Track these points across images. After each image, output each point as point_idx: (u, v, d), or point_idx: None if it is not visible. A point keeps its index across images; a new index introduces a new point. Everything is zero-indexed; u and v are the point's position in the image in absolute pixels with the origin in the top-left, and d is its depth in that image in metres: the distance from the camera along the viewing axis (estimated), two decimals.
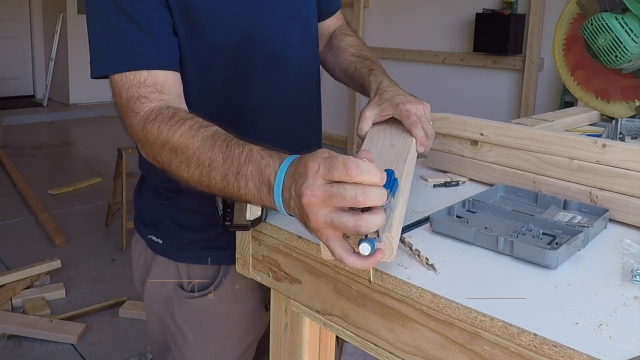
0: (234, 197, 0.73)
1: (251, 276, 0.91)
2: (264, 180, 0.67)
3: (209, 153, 0.74)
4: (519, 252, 0.73)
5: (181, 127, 0.77)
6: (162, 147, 0.78)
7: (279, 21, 0.97)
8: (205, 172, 0.74)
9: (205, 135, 0.75)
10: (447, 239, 0.80)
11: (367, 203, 0.57)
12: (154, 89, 0.83)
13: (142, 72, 0.83)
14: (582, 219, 0.85)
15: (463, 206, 0.88)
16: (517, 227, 0.82)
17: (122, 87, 0.84)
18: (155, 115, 0.80)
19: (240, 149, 0.72)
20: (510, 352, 0.60)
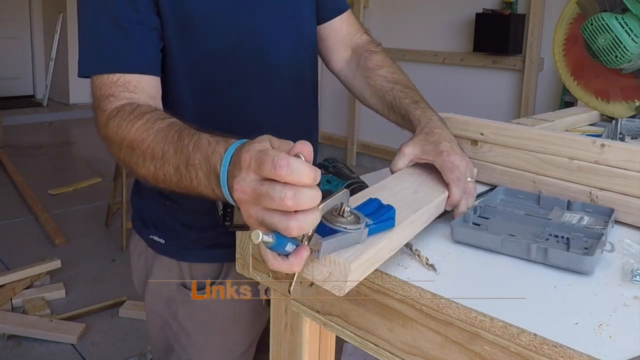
0: (190, 191, 0.68)
1: (251, 276, 0.91)
2: (212, 168, 0.63)
3: (161, 145, 0.70)
4: (553, 259, 0.71)
5: (138, 122, 0.74)
6: (120, 144, 0.76)
7: (271, 28, 0.96)
8: (159, 166, 0.70)
9: (160, 127, 0.72)
10: (446, 242, 0.80)
11: (296, 207, 0.51)
12: (125, 89, 0.82)
13: (115, 74, 0.83)
14: (590, 220, 0.84)
15: (475, 212, 0.84)
16: (537, 232, 0.79)
17: (97, 88, 0.84)
18: (117, 111, 0.79)
19: (189, 138, 0.67)
20: (510, 352, 0.60)
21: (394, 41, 4.80)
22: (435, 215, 0.84)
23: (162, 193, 0.98)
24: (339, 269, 0.59)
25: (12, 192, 4.14)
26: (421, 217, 0.79)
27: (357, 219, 0.62)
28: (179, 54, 0.90)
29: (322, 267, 0.60)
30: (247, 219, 0.56)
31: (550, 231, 0.79)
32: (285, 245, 0.54)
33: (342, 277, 0.59)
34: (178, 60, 0.90)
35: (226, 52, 0.92)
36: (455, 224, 0.79)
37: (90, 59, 0.87)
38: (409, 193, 0.83)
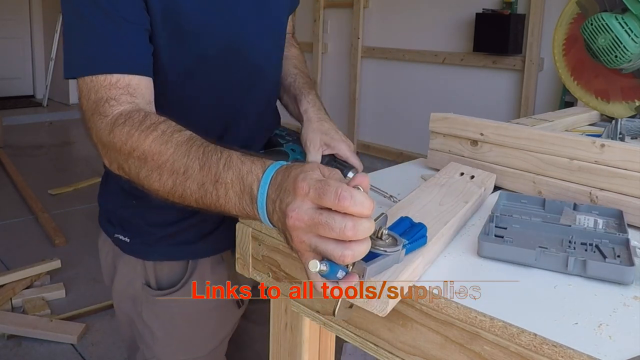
0: (212, 208, 0.67)
1: (251, 276, 0.91)
2: (246, 189, 0.63)
3: (183, 160, 0.68)
4: (592, 271, 0.68)
5: (153, 133, 0.72)
6: (129, 154, 0.73)
7: (257, 32, 0.97)
8: (179, 181, 0.68)
9: (180, 140, 0.70)
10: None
11: (355, 237, 0.53)
12: (126, 91, 0.79)
13: (114, 75, 0.79)
14: (602, 222, 0.83)
15: (491, 221, 0.81)
16: (560, 240, 0.76)
17: (92, 89, 0.79)
18: (125, 118, 0.75)
19: (219, 155, 0.67)
20: (510, 352, 0.60)
21: (394, 41, 4.81)
22: (461, 227, 0.85)
23: (129, 193, 0.98)
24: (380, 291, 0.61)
25: (12, 192, 4.14)
26: (450, 230, 0.79)
27: (394, 240, 0.63)
28: (170, 55, 0.88)
29: None
30: (298, 245, 0.57)
31: (574, 239, 0.76)
32: (337, 273, 0.57)
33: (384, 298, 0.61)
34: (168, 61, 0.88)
35: (217, 56, 0.92)
36: (482, 238, 0.75)
37: (82, 58, 0.81)
38: (434, 206, 0.84)
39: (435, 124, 1.12)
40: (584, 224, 0.82)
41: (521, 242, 0.75)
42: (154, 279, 1.02)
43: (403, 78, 4.77)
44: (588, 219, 0.83)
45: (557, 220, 0.84)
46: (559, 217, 0.85)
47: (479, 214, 0.92)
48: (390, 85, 4.80)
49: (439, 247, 0.75)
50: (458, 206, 0.84)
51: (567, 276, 0.70)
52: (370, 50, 4.94)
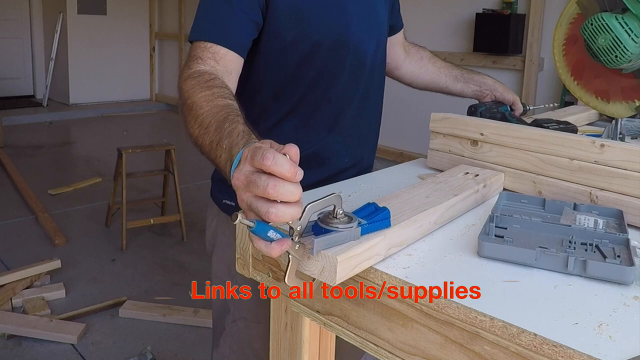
0: (214, 162, 0.80)
1: (251, 276, 0.91)
2: (231, 156, 0.72)
3: (210, 118, 0.82)
4: (592, 271, 0.69)
5: (206, 91, 0.89)
6: (185, 101, 0.90)
7: (361, 30, 1.15)
8: (201, 133, 0.82)
9: (218, 104, 0.85)
10: (439, 244, 0.80)
11: (276, 196, 0.59)
12: (212, 57, 1.00)
13: (208, 42, 1.01)
14: (603, 222, 0.83)
15: (491, 221, 0.81)
16: (560, 240, 0.77)
17: (193, 50, 1.02)
18: (198, 74, 0.94)
19: (229, 124, 0.78)
20: (510, 352, 0.60)
21: None
22: (450, 218, 0.86)
23: None
24: (329, 262, 0.65)
25: (12, 192, 4.14)
26: (428, 217, 0.80)
27: (349, 219, 0.69)
28: (293, 43, 1.08)
29: (316, 263, 0.66)
30: (240, 203, 0.64)
31: (574, 239, 0.77)
32: (267, 232, 0.62)
33: (333, 269, 0.65)
34: (291, 47, 1.08)
35: (331, 45, 1.10)
36: (482, 238, 0.75)
37: (198, 29, 1.05)
38: (419, 198, 0.85)
39: (435, 124, 1.12)
40: (584, 224, 0.81)
41: (521, 242, 0.75)
42: None
43: None
44: (588, 219, 0.83)
45: (557, 220, 0.84)
46: (559, 217, 0.85)
47: (478, 213, 0.92)
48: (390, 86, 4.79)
49: (411, 232, 0.77)
50: (444, 198, 0.86)
51: (567, 276, 0.70)
52: None
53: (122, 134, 6.12)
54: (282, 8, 1.06)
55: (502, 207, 0.90)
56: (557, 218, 0.85)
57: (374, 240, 0.70)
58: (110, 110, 7.14)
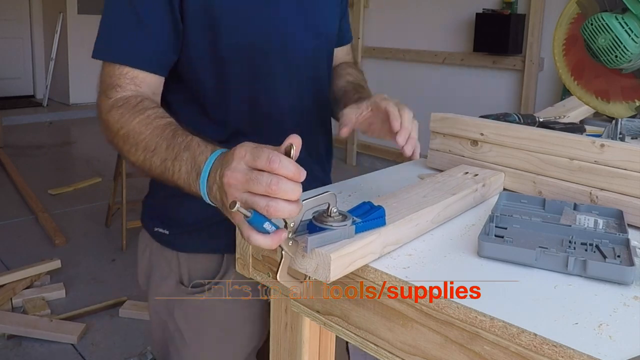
0: (168, 180, 0.79)
1: (251, 276, 0.91)
2: (195, 166, 0.74)
3: (156, 140, 0.81)
4: (592, 271, 0.68)
5: (140, 116, 0.85)
6: (118, 131, 0.86)
7: (293, 26, 1.02)
8: (147, 157, 0.81)
9: (159, 124, 0.83)
10: (435, 243, 0.80)
11: (279, 193, 0.61)
12: (131, 82, 0.91)
13: (124, 66, 0.91)
14: (603, 222, 0.83)
15: (491, 221, 0.81)
16: (560, 241, 0.77)
17: (107, 74, 0.92)
18: (123, 102, 0.88)
19: (183, 138, 0.78)
20: (510, 352, 0.60)
21: (394, 41, 4.81)
22: (447, 217, 0.86)
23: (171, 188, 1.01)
24: (323, 259, 0.65)
25: (12, 192, 4.14)
26: (424, 216, 0.80)
27: (344, 218, 0.69)
28: (206, 46, 0.95)
29: (310, 260, 0.66)
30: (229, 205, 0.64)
31: (574, 239, 0.76)
32: (263, 223, 0.63)
33: (327, 267, 0.65)
34: (205, 55, 0.96)
35: (250, 49, 0.97)
36: (482, 238, 0.75)
37: (106, 45, 0.93)
38: (417, 197, 0.85)
39: (435, 124, 1.12)
40: (584, 224, 0.81)
41: (521, 242, 0.75)
42: (188, 275, 1.03)
43: (403, 78, 4.77)
44: (588, 219, 0.83)
45: (557, 220, 0.84)
46: (559, 217, 0.85)
47: (478, 214, 0.92)
48: (390, 85, 4.79)
49: (406, 230, 0.77)
50: (442, 197, 0.86)
51: (567, 276, 0.70)
52: (370, 50, 4.93)
53: None
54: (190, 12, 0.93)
55: (502, 207, 0.90)
56: (557, 218, 0.85)
57: (369, 238, 0.71)
58: None
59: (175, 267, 1.03)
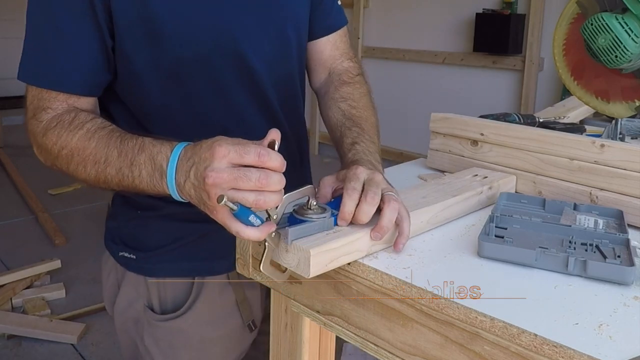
0: (129, 188, 0.76)
1: (251, 276, 0.91)
2: (157, 167, 0.71)
3: (104, 150, 0.77)
4: (592, 271, 0.68)
5: (79, 131, 0.80)
6: (59, 152, 0.81)
7: (248, 30, 0.91)
8: (100, 169, 0.77)
9: (102, 135, 0.79)
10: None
11: (269, 186, 0.63)
12: (64, 103, 0.85)
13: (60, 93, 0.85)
14: (603, 223, 0.83)
15: (491, 221, 0.81)
16: (560, 241, 0.77)
17: (34, 97, 0.86)
18: (57, 122, 0.82)
19: (134, 141, 0.75)
20: (511, 352, 0.60)
21: (394, 41, 4.80)
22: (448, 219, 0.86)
23: (133, 205, 0.98)
24: (303, 255, 0.67)
25: (12, 192, 4.14)
26: (419, 216, 0.80)
27: (322, 210, 0.72)
28: (147, 60, 0.86)
29: (292, 255, 0.68)
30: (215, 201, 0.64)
31: (575, 239, 0.76)
32: (248, 216, 0.65)
33: (307, 262, 0.67)
34: (146, 67, 0.87)
35: (198, 58, 0.88)
36: (482, 238, 0.75)
37: (34, 68, 0.87)
38: (416, 198, 0.85)
39: (435, 124, 1.12)
40: (584, 224, 0.81)
41: (521, 242, 0.75)
42: (157, 299, 0.98)
43: (403, 78, 4.77)
44: (588, 219, 0.83)
45: (557, 220, 0.84)
46: (559, 217, 0.85)
47: (478, 214, 0.92)
48: (390, 85, 4.79)
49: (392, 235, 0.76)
50: (441, 199, 0.85)
51: (568, 276, 0.70)
52: (370, 50, 4.93)
53: None
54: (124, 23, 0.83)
55: (502, 207, 0.90)
56: (557, 218, 0.85)
57: (355, 236, 0.71)
58: None
59: (143, 292, 0.98)
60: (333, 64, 1.09)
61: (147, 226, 0.97)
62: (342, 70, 1.07)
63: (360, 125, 0.96)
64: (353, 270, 0.74)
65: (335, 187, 0.79)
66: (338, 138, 0.96)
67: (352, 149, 0.89)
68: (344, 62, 1.09)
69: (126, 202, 1.00)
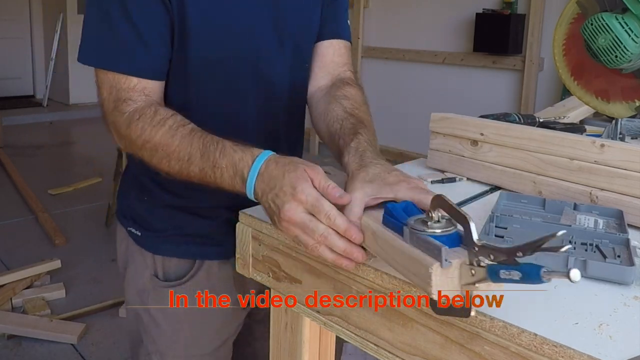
0: (210, 185, 0.83)
1: (251, 276, 0.91)
2: (238, 173, 0.78)
3: (187, 149, 0.83)
4: (592, 271, 0.68)
5: (162, 128, 0.85)
6: (143, 145, 0.87)
7: (267, 45, 0.98)
8: (184, 166, 0.84)
9: (184, 133, 0.85)
10: None
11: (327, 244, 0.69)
12: (142, 93, 0.90)
13: (132, 78, 0.89)
14: (603, 222, 0.82)
15: (491, 221, 0.81)
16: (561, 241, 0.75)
17: (112, 87, 0.89)
18: (139, 115, 0.87)
19: (215, 145, 0.82)
20: (511, 352, 0.60)
21: (394, 41, 4.81)
22: None
23: (143, 189, 1.04)
24: None
25: (12, 192, 4.14)
26: None
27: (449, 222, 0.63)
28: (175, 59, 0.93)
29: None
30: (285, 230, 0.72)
31: (575, 239, 0.76)
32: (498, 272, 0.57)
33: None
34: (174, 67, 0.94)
35: (220, 61, 0.94)
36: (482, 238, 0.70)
37: (100, 50, 0.90)
38: None
39: (435, 124, 1.12)
40: (584, 224, 0.81)
41: (521, 242, 0.75)
42: (162, 271, 1.04)
43: (403, 78, 4.77)
44: (588, 219, 0.83)
45: (558, 220, 0.84)
46: (559, 217, 0.85)
47: (478, 214, 0.92)
48: (390, 85, 4.80)
49: None
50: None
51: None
52: (370, 50, 4.93)
53: None
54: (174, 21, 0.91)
55: (502, 207, 0.89)
56: (557, 218, 0.85)
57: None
58: None
59: (150, 263, 1.05)
60: (337, 70, 1.08)
61: (151, 211, 1.04)
62: (345, 77, 1.08)
63: (362, 121, 0.96)
64: (353, 270, 0.74)
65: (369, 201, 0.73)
66: (336, 130, 0.95)
67: (355, 138, 0.89)
68: (346, 72, 1.09)
69: (137, 186, 1.06)
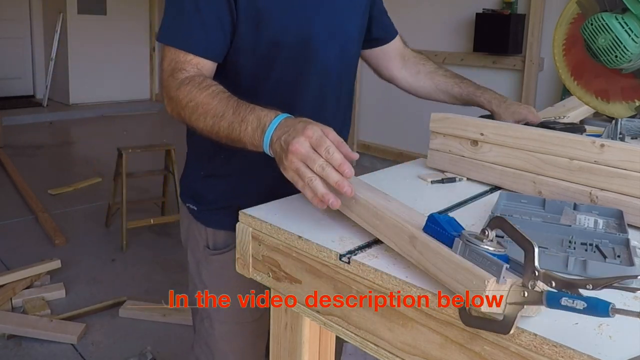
0: (234, 139, 0.95)
1: (251, 276, 0.91)
2: (261, 124, 0.90)
3: (223, 108, 0.97)
4: (592, 271, 0.68)
5: (206, 91, 1.00)
6: (187, 104, 1.01)
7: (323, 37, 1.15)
8: (217, 122, 0.97)
9: (223, 97, 0.99)
10: None
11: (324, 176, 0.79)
12: (195, 67, 1.07)
13: (189, 54, 1.06)
14: (603, 222, 0.82)
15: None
16: (560, 241, 0.77)
17: (173, 60, 1.07)
18: (189, 80, 1.03)
19: (246, 105, 0.95)
20: (510, 352, 0.60)
21: None
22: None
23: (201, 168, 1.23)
24: None
25: (12, 192, 4.14)
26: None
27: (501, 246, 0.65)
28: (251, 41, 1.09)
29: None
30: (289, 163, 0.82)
31: (575, 239, 0.76)
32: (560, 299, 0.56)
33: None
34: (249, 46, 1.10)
35: (289, 45, 1.11)
36: None
37: (173, 33, 1.09)
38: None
39: (435, 124, 1.12)
40: (584, 224, 0.81)
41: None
42: (212, 242, 1.22)
43: None
44: (588, 219, 0.83)
45: (557, 220, 0.84)
46: (559, 217, 0.85)
47: (478, 214, 0.92)
48: (390, 85, 4.79)
49: None
50: None
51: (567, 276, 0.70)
52: None
53: (122, 134, 6.11)
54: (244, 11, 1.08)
55: (502, 207, 0.89)
56: (557, 218, 0.85)
57: None
58: (110, 110, 7.13)
59: (204, 236, 1.22)
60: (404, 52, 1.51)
61: (206, 183, 1.22)
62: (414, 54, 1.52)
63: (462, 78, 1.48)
64: (353, 270, 0.74)
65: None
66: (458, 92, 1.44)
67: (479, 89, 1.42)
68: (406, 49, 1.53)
69: (197, 166, 1.25)
